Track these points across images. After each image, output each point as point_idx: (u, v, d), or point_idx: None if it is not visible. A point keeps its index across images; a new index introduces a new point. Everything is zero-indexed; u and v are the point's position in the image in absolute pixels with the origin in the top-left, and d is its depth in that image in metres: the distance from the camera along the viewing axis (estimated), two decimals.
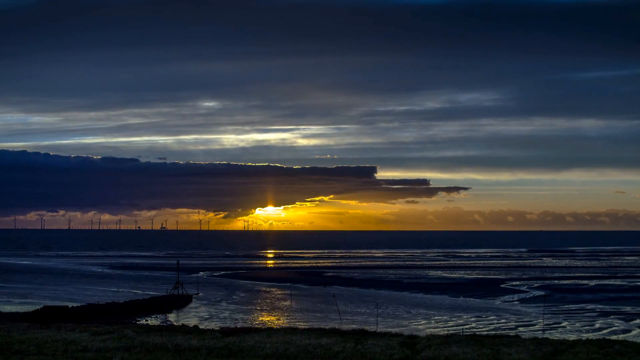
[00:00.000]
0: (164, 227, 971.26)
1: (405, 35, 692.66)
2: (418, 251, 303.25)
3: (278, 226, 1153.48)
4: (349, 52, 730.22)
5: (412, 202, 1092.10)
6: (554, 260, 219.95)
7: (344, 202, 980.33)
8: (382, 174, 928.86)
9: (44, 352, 36.10)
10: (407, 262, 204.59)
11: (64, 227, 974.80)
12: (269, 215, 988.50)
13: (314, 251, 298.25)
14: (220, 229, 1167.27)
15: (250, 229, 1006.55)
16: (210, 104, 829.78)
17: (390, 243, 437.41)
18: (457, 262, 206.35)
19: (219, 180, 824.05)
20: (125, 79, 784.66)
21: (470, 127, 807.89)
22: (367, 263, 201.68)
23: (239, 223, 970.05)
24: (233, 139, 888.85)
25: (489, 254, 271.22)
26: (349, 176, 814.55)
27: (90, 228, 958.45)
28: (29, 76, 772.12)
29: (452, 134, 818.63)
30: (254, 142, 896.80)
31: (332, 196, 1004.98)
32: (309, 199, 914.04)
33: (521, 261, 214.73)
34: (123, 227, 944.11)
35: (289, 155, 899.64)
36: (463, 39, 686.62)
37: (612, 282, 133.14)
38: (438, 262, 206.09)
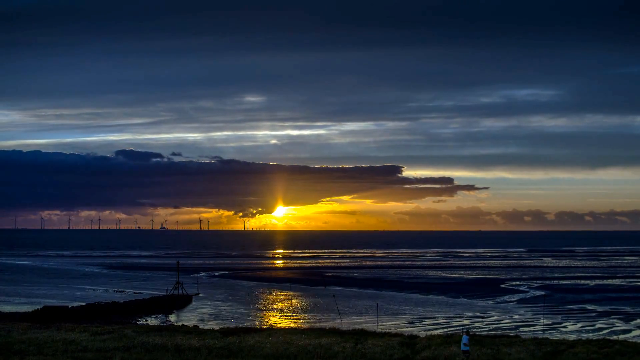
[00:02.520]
0: (164, 227, 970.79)
1: (464, 28, 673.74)
2: (418, 251, 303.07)
3: (288, 226, 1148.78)
4: (401, 44, 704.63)
5: (430, 201, 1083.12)
6: (554, 261, 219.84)
7: (362, 201, 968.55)
8: (410, 173, 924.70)
9: (44, 352, 36.09)
10: (407, 262, 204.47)
11: (64, 227, 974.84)
12: (285, 214, 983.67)
13: (314, 251, 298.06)
14: (221, 229, 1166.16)
15: (249, 228, 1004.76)
16: (253, 99, 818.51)
17: (390, 243, 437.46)
18: (456, 262, 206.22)
19: (233, 178, 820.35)
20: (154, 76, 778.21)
21: (518, 123, 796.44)
22: (367, 263, 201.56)
23: (240, 223, 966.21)
24: (266, 136, 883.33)
25: (489, 254, 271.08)
26: (373, 175, 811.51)
27: (90, 228, 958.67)
28: (61, 75, 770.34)
29: (497, 130, 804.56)
30: (287, 138, 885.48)
31: (354, 195, 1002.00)
32: (328, 199, 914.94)
33: (521, 261, 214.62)
34: (123, 227, 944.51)
35: (319, 153, 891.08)
36: (523, 34, 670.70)
37: (612, 282, 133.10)
38: (438, 262, 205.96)
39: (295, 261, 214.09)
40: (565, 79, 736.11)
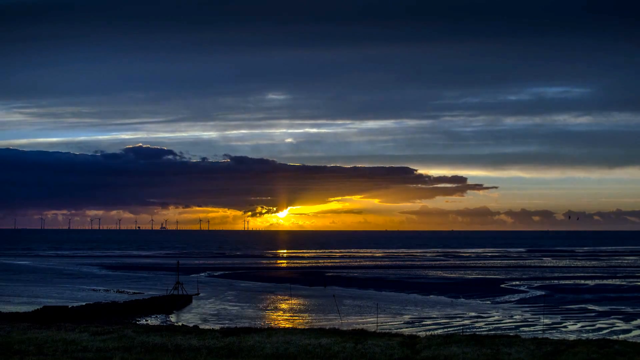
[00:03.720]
0: (164, 227, 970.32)
1: (494, 25, 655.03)
2: (418, 251, 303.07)
3: (295, 225, 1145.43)
4: (428, 40, 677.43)
5: (439, 201, 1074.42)
6: (554, 260, 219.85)
7: (371, 200, 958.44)
8: (425, 172, 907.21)
9: (44, 352, 36.09)
10: (407, 262, 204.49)
11: (64, 227, 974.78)
12: (292, 214, 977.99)
13: (314, 251, 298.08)
14: (221, 228, 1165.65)
15: (250, 228, 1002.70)
16: (275, 96, 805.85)
17: (391, 243, 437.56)
18: (456, 262, 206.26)
19: (240, 176, 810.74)
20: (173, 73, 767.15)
21: (542, 122, 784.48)
22: (367, 263, 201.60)
23: (241, 224, 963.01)
24: (283, 134, 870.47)
25: (488, 254, 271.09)
26: (385, 175, 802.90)
27: (90, 228, 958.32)
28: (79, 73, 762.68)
29: (519, 129, 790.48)
30: (304, 137, 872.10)
31: (363, 195, 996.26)
32: (339, 198, 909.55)
33: (521, 261, 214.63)
34: (123, 227, 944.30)
35: (334, 152, 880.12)
36: (554, 31, 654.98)
37: (612, 282, 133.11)
38: (438, 262, 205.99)
39: (295, 261, 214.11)
40: (595, 77, 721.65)
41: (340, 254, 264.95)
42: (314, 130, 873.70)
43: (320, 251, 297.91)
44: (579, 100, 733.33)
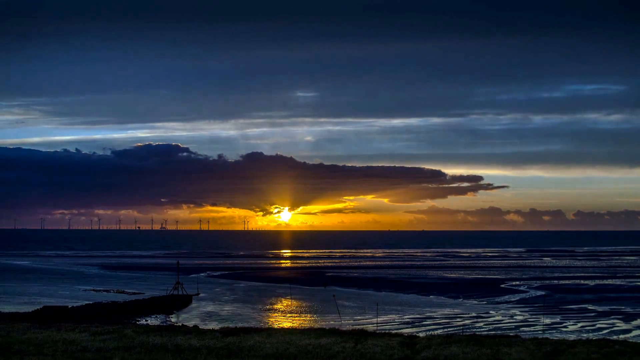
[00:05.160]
0: (164, 227, 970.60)
1: (531, 21, 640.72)
2: (418, 251, 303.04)
3: (305, 225, 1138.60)
4: (460, 36, 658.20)
5: (450, 201, 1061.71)
6: (554, 261, 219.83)
7: (381, 200, 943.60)
8: (445, 171, 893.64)
9: (44, 352, 36.09)
10: (407, 262, 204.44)
11: (63, 227, 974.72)
12: (301, 214, 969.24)
13: (315, 251, 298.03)
14: (222, 229, 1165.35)
15: (257, 228, 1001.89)
16: (302, 94, 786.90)
17: (391, 243, 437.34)
18: (456, 262, 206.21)
19: (251, 175, 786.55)
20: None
21: (571, 120, 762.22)
22: (368, 263, 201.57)
23: (244, 224, 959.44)
24: (305, 132, 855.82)
25: (489, 254, 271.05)
26: (399, 174, 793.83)
27: (90, 228, 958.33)
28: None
29: (546, 127, 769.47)
30: (326, 134, 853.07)
31: (374, 195, 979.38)
32: (352, 197, 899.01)
33: (521, 261, 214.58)
34: (123, 227, 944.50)
35: (353, 151, 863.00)
36: (590, 28, 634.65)
37: (612, 282, 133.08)
38: (438, 262, 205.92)
39: (295, 261, 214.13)
40: (630, 75, 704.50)
41: (340, 254, 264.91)
42: (337, 128, 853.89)
43: (321, 251, 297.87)
44: (613, 97, 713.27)
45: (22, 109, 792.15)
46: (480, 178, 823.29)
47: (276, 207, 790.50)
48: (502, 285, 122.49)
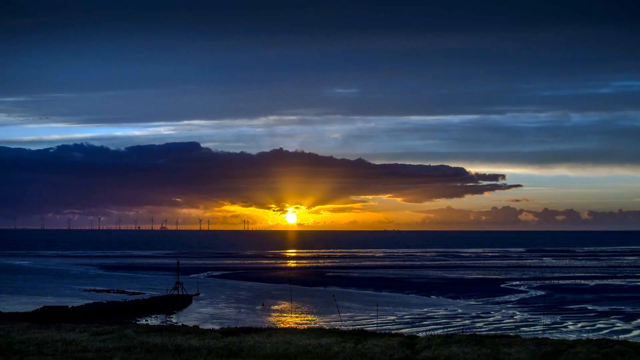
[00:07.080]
0: (164, 227, 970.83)
1: (584, 15, 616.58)
2: (418, 251, 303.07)
3: (314, 225, 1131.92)
4: (505, 30, 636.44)
5: (464, 200, 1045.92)
6: (554, 260, 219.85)
7: (395, 199, 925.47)
8: (470, 170, 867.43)
9: (44, 352, 36.09)
10: (407, 262, 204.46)
11: (63, 227, 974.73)
12: (310, 213, 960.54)
13: (315, 251, 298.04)
14: (222, 229, 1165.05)
15: (249, 228, 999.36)
16: (341, 90, 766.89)
17: (392, 243, 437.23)
18: (456, 262, 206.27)
19: (266, 172, 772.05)
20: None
21: (610, 118, 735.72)
22: (368, 263, 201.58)
23: (243, 224, 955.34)
24: (333, 130, 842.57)
25: (489, 254, 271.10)
26: (417, 173, 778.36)
27: (90, 228, 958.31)
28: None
29: (583, 125, 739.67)
30: (356, 132, 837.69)
31: (389, 194, 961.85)
32: (369, 196, 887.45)
33: (521, 261, 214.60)
34: (123, 227, 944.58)
35: (377, 149, 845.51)
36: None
37: (612, 282, 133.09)
38: (438, 262, 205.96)
39: (295, 261, 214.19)
40: None
41: (340, 254, 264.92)
42: (368, 125, 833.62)
43: (321, 251, 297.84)
44: None
45: (28, 106, 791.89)
46: (500, 177, 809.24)
47: (289, 206, 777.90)
48: (502, 285, 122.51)
